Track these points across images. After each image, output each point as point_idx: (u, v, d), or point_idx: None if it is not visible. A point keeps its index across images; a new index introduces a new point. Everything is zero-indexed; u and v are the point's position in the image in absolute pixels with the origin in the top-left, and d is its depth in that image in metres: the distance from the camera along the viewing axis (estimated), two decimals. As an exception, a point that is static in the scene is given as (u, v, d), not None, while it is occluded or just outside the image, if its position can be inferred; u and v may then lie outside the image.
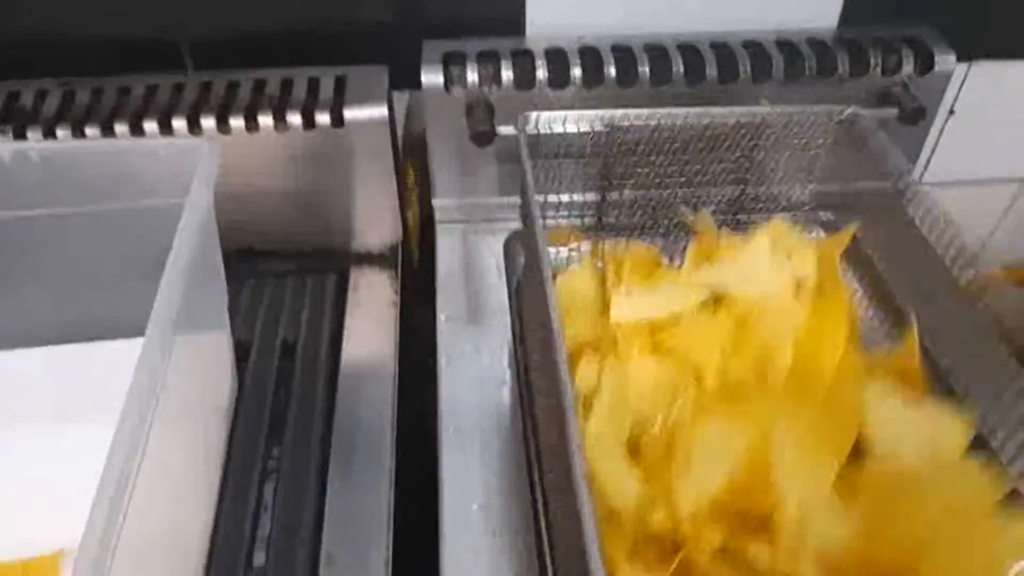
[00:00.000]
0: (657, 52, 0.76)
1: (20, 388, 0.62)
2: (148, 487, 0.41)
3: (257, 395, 0.66)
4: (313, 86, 0.73)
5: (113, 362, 0.62)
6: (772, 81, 0.76)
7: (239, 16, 0.77)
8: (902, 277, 0.70)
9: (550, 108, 0.74)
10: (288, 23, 0.78)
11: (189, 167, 0.55)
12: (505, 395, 0.66)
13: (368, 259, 0.79)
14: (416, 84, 0.74)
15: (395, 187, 0.76)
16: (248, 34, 0.77)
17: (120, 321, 0.64)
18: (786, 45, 0.77)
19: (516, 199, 0.81)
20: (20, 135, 0.67)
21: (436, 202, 0.81)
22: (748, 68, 0.75)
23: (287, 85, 0.73)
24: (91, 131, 0.68)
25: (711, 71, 0.75)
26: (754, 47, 0.77)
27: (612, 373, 0.57)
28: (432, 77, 0.73)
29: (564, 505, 0.47)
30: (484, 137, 0.73)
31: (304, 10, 0.77)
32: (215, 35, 0.77)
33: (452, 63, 0.74)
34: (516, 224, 0.82)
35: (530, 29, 0.80)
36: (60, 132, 0.68)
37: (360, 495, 0.59)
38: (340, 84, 0.73)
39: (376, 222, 0.78)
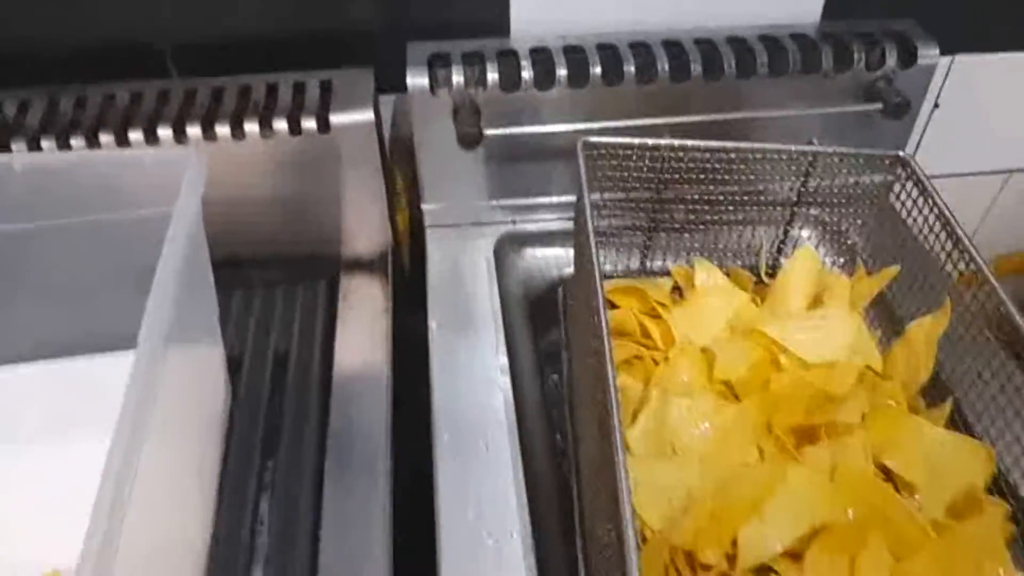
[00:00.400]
0: (642, 50, 0.76)
1: (10, 405, 0.61)
2: (144, 502, 0.40)
3: (251, 406, 0.66)
4: (299, 91, 0.73)
5: (104, 376, 0.62)
6: (757, 77, 0.76)
7: (222, 21, 0.76)
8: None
9: (537, 108, 0.75)
10: (271, 27, 0.77)
11: (176, 177, 0.54)
12: (499, 400, 0.66)
13: (358, 265, 0.78)
14: (402, 87, 0.74)
15: (384, 192, 0.75)
16: (231, 39, 0.77)
17: (109, 333, 0.63)
18: (769, 40, 0.77)
19: (505, 200, 0.82)
20: (4, 147, 0.66)
21: (425, 206, 0.81)
22: (732, 64, 0.75)
23: (272, 91, 0.72)
24: (76, 142, 0.67)
25: (696, 68, 0.75)
26: (738, 43, 0.77)
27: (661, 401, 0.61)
28: (417, 80, 0.73)
29: (603, 518, 0.48)
30: (471, 139, 0.72)
31: (287, 14, 0.77)
32: (198, 41, 0.76)
33: (437, 65, 0.74)
34: (505, 227, 0.82)
35: (515, 28, 0.79)
36: (45, 143, 0.67)
37: (356, 505, 0.58)
38: (326, 88, 0.73)
39: (365, 228, 0.77)
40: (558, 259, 0.82)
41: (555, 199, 0.82)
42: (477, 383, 0.67)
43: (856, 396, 0.61)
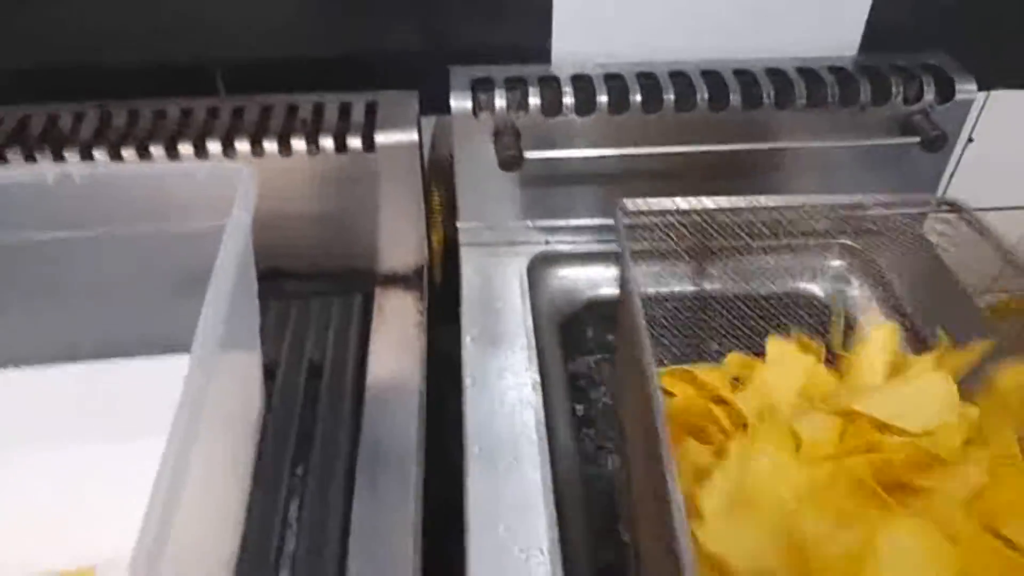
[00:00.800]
0: (681, 79, 0.77)
1: (55, 403, 0.63)
2: (189, 503, 0.41)
3: (284, 414, 0.67)
4: (344, 111, 0.75)
5: (146, 380, 0.64)
6: (794, 108, 0.77)
7: (270, 43, 0.78)
8: (923, 302, 0.71)
9: (577, 133, 0.76)
10: (318, 49, 0.79)
11: (226, 191, 0.56)
12: (530, 415, 0.66)
13: (394, 280, 0.80)
14: (441, 109, 0.76)
15: (422, 210, 0.77)
16: (279, 60, 0.79)
17: (153, 338, 0.65)
18: (808, 73, 0.78)
19: (540, 221, 0.83)
20: (58, 156, 0.69)
21: (461, 225, 0.83)
22: (771, 96, 0.76)
23: (319, 110, 0.75)
24: (127, 153, 0.69)
25: (735, 98, 0.76)
26: (776, 74, 0.78)
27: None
28: (461, 103, 0.75)
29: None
30: (512, 162, 0.74)
31: (333, 37, 0.79)
32: (247, 61, 0.78)
33: (480, 89, 0.76)
34: (539, 247, 0.84)
35: (556, 56, 0.81)
36: (97, 154, 0.69)
37: (387, 514, 0.59)
38: (371, 109, 0.75)
39: (402, 244, 0.79)
40: (589, 280, 0.84)
41: (588, 221, 0.84)
42: (509, 398, 0.68)
43: (967, 458, 0.54)
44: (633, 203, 0.64)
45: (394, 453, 0.63)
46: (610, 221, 0.80)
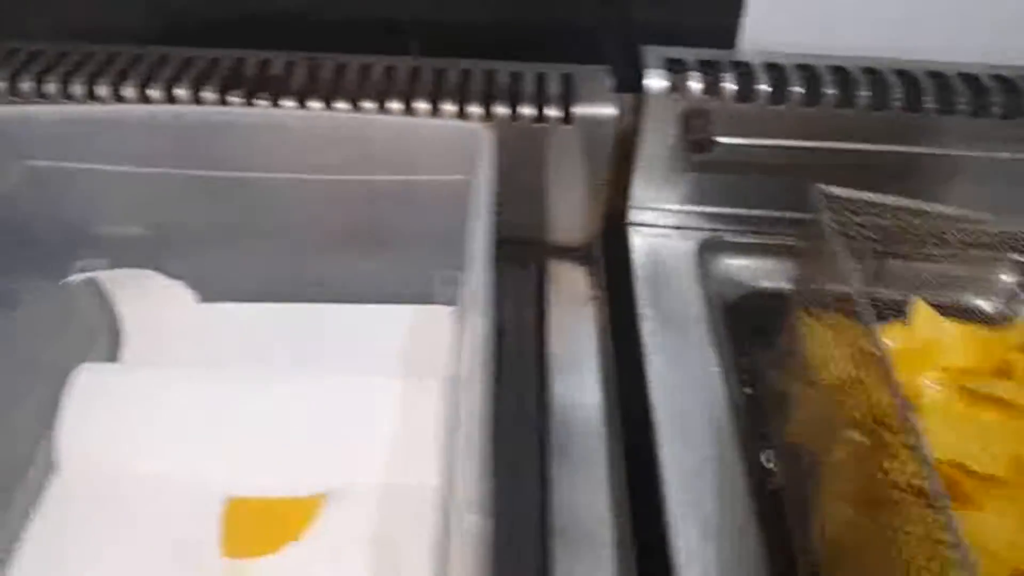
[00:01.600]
0: (874, 77, 0.77)
1: (315, 339, 0.67)
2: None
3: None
4: (541, 81, 0.75)
5: (376, 323, 0.66)
6: (989, 117, 0.76)
7: (452, 9, 0.80)
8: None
9: (764, 123, 0.76)
10: (500, 19, 0.80)
11: (459, 147, 0.58)
12: (713, 396, 0.68)
13: (567, 253, 0.81)
14: (621, 87, 0.77)
15: (604, 185, 0.78)
16: (464, 26, 0.80)
17: (367, 277, 0.68)
18: (1005, 81, 0.77)
19: (710, 208, 0.83)
20: (274, 103, 0.71)
21: (633, 203, 0.83)
22: (967, 103, 0.75)
23: (516, 78, 0.76)
24: (339, 105, 0.71)
25: (928, 101, 0.75)
26: (971, 80, 0.77)
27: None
28: (655, 82, 0.75)
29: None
30: (702, 145, 0.74)
31: (520, 8, 0.80)
32: (440, 25, 0.80)
33: (675, 70, 0.76)
34: (705, 234, 0.84)
35: (743, 42, 0.81)
36: (310, 103, 0.71)
37: (583, 479, 0.61)
38: (567, 82, 0.75)
39: (579, 218, 0.80)
40: (754, 271, 0.84)
41: (759, 212, 0.84)
42: (692, 378, 0.69)
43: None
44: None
45: (584, 422, 0.65)
46: (778, 214, 0.80)
